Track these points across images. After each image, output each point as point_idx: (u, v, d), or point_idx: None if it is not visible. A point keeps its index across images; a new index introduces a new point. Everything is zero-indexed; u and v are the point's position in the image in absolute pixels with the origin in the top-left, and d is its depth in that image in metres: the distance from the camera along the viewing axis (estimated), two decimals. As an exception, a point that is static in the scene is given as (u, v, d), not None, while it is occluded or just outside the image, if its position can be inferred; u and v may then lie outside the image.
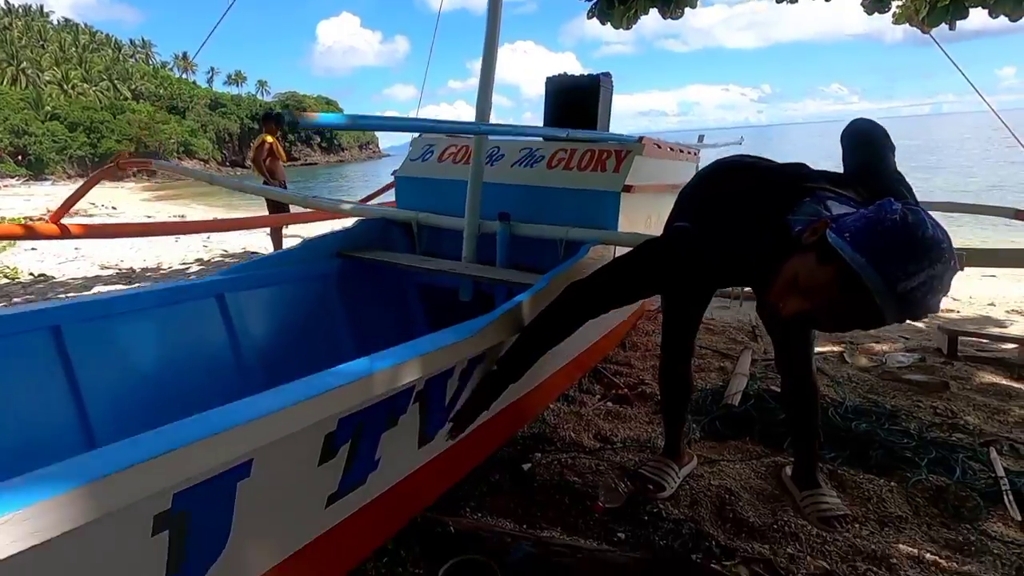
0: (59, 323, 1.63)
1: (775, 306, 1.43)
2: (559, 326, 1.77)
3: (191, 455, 0.90)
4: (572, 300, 1.74)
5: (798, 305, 1.35)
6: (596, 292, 1.73)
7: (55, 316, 1.62)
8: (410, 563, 2.08)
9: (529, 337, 1.81)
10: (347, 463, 1.39)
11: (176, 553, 1.02)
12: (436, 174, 3.02)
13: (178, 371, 1.99)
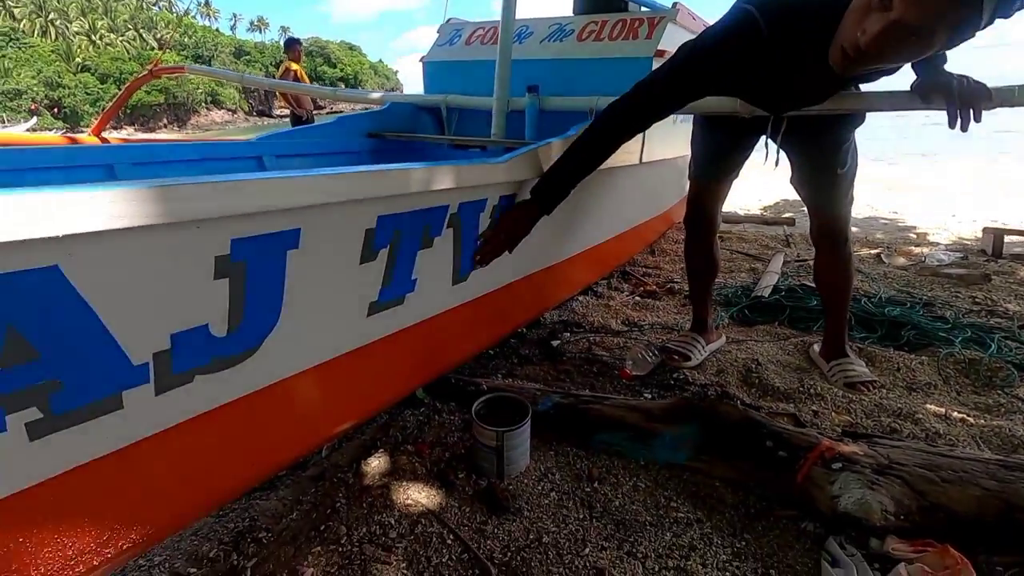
0: (112, 163, 1.72)
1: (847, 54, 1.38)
2: (608, 130, 1.69)
3: (245, 190, 0.97)
4: (625, 98, 1.70)
5: (879, 23, 1.27)
6: (656, 83, 1.66)
7: (110, 156, 1.71)
8: (446, 412, 2.21)
9: (573, 148, 1.77)
10: (386, 271, 1.45)
11: (236, 305, 1.11)
12: (463, 56, 2.99)
13: None
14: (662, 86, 1.66)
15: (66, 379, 0.90)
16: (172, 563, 1.52)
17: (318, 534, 1.60)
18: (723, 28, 1.60)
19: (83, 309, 0.88)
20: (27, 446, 0.90)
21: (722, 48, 1.60)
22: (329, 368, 1.47)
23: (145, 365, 1.01)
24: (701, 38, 1.65)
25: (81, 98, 61.45)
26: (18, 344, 0.82)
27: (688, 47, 1.67)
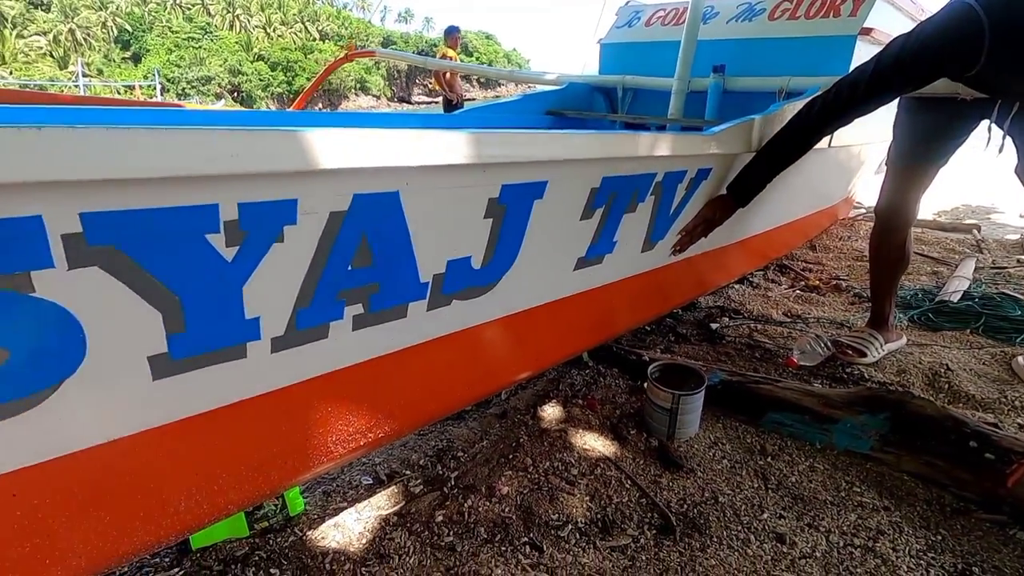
0: None
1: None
2: (814, 125, 1.69)
3: (516, 141, 1.14)
4: (834, 93, 1.68)
5: None
6: (874, 79, 1.62)
7: (343, 121, 2.03)
8: (610, 376, 2.33)
9: (774, 141, 1.79)
10: (596, 230, 1.59)
11: (492, 243, 1.30)
12: (642, 38, 3.05)
13: None
14: (880, 83, 1.61)
15: (383, 285, 1.14)
16: (389, 464, 1.81)
17: (507, 461, 1.80)
18: (944, 25, 1.52)
19: (403, 230, 1.10)
20: (349, 334, 1.16)
21: (946, 47, 1.52)
22: (533, 314, 1.65)
23: (426, 284, 1.24)
24: (920, 36, 1.56)
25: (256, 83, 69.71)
26: (364, 251, 1.06)
27: (909, 44, 1.58)
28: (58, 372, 0.81)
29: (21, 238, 0.69)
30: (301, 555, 1.45)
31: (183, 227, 0.82)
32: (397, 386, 1.36)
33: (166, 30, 72.24)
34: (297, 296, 1.02)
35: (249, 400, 1.07)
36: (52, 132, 0.63)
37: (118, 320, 0.83)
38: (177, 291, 0.86)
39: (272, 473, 1.21)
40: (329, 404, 1.22)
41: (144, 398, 0.92)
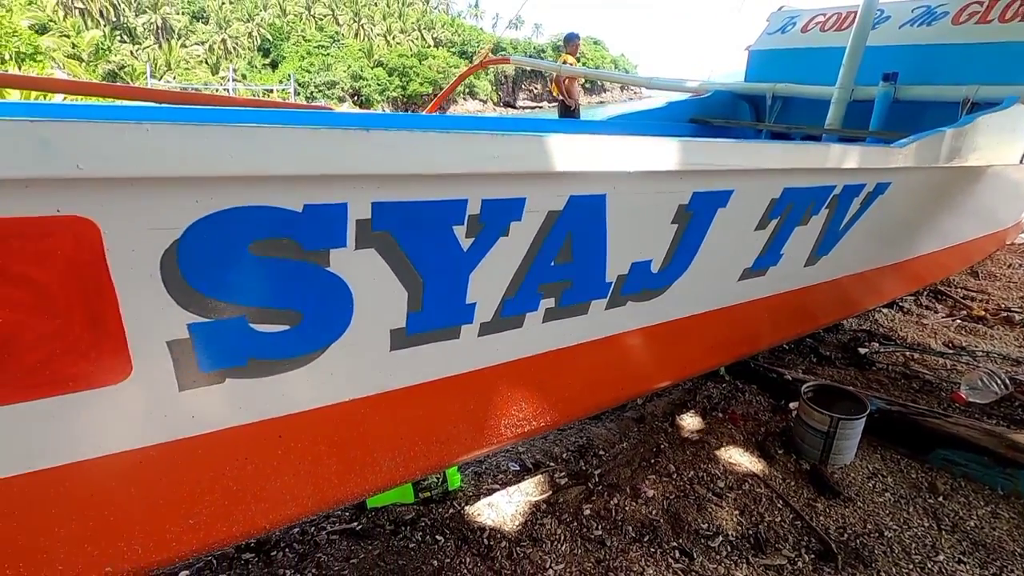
0: None
1: None
2: None
3: (705, 150, 1.16)
4: None
5: None
6: None
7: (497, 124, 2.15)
8: (748, 392, 2.26)
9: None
10: (767, 241, 1.56)
11: (672, 248, 1.33)
12: (797, 44, 2.92)
13: None
14: None
15: (575, 282, 1.21)
16: (533, 455, 1.89)
17: (649, 465, 1.81)
18: None
19: (602, 231, 1.17)
20: (539, 326, 1.24)
21: None
22: (690, 322, 1.65)
23: (609, 284, 1.29)
24: None
25: (374, 88, 74.44)
26: (567, 248, 1.14)
27: None
28: (330, 336, 0.95)
29: (330, 220, 0.83)
30: (461, 527, 1.56)
31: (438, 218, 0.93)
32: (565, 379, 1.43)
33: (300, 39, 79.13)
34: (507, 286, 1.11)
35: (451, 378, 1.18)
36: (379, 135, 0.76)
37: (377, 296, 0.96)
38: (423, 274, 0.98)
39: (454, 446, 1.32)
40: (509, 389, 1.31)
41: (379, 366, 1.05)
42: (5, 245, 0.65)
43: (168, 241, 0.73)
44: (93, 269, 0.70)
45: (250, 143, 0.69)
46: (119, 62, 49.78)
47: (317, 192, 0.79)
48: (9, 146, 0.58)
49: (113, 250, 0.70)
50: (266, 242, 0.80)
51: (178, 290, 0.77)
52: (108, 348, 0.76)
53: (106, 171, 0.63)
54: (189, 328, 0.81)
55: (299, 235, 0.82)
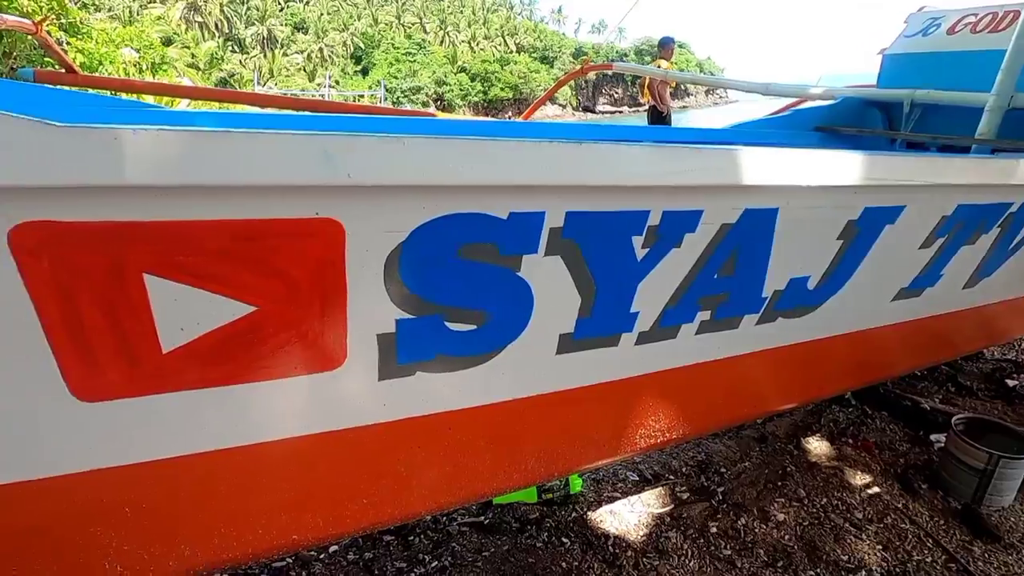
0: None
1: None
2: None
3: (879, 164, 1.10)
4: None
5: None
6: None
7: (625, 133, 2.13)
8: (879, 420, 2.12)
9: None
10: (930, 260, 1.46)
11: (833, 265, 1.28)
12: (942, 47, 2.70)
13: None
14: None
15: (732, 295, 1.20)
16: (651, 466, 1.87)
17: (776, 487, 1.74)
18: None
19: (768, 246, 1.14)
20: (691, 338, 1.23)
21: None
22: (833, 342, 1.57)
23: (764, 299, 1.26)
24: None
25: (456, 93, 76.49)
26: (731, 261, 1.12)
27: None
28: (508, 337, 0.99)
29: (529, 227, 0.87)
30: (585, 532, 1.58)
31: (621, 227, 0.95)
32: (704, 393, 1.41)
33: (390, 46, 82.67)
34: (670, 296, 1.11)
35: (602, 384, 1.19)
36: (588, 148, 0.79)
37: (555, 301, 0.99)
38: (598, 281, 1.00)
39: (592, 451, 1.33)
40: (652, 399, 1.31)
41: (544, 368, 1.09)
42: (269, 243, 0.73)
43: (396, 242, 0.80)
44: (334, 266, 0.78)
45: (482, 154, 0.74)
46: (230, 70, 54.24)
47: (523, 201, 0.84)
48: (296, 156, 0.65)
49: (352, 249, 0.77)
50: (472, 246, 0.85)
51: (394, 287, 0.84)
52: (333, 338, 0.84)
53: (368, 180, 0.69)
54: (397, 323, 0.87)
55: (500, 240, 0.86)
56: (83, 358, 0.72)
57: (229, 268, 0.73)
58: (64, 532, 0.85)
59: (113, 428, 0.79)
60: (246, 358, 0.81)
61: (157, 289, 0.71)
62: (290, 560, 1.42)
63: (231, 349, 0.79)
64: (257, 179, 0.65)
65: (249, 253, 0.73)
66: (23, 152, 0.55)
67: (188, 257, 0.70)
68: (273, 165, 0.64)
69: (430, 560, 1.45)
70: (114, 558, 0.91)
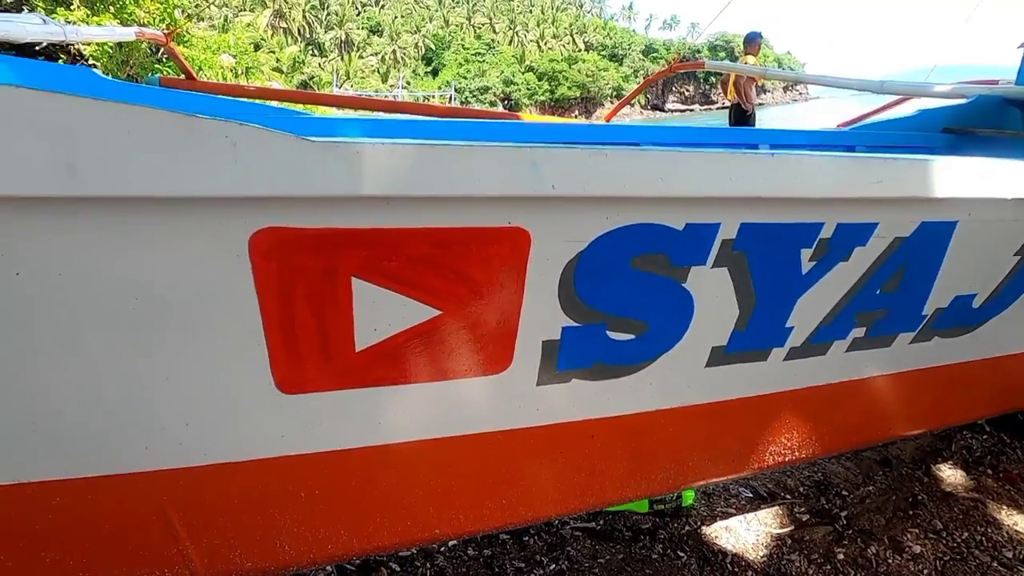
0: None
1: None
2: None
3: None
4: None
5: None
6: None
7: None
8: (1020, 450, 1.94)
9: None
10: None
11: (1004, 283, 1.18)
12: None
13: None
14: None
15: (891, 312, 1.13)
16: (764, 483, 1.79)
17: (907, 516, 1.63)
18: None
19: (938, 261, 1.07)
20: (841, 355, 1.17)
21: None
22: (988, 364, 1.45)
23: (923, 317, 1.18)
24: None
25: (524, 92, 76.83)
26: (897, 276, 1.06)
27: None
28: (663, 348, 0.98)
29: (702, 239, 0.86)
30: (701, 547, 1.54)
31: (792, 239, 0.92)
32: (843, 412, 1.34)
33: (460, 47, 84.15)
34: (828, 312, 1.06)
35: (745, 399, 1.16)
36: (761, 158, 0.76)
37: (713, 313, 0.97)
38: (759, 294, 0.97)
39: (722, 465, 1.30)
40: (789, 417, 1.26)
41: (691, 380, 1.07)
42: (463, 249, 0.76)
43: (575, 252, 0.81)
44: (516, 272, 0.80)
45: (678, 167, 0.74)
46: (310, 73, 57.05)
47: (701, 212, 0.82)
48: (508, 167, 0.67)
49: (535, 257, 0.79)
50: (645, 256, 0.85)
51: (566, 295, 0.85)
52: (503, 342, 0.86)
53: (570, 191, 0.71)
54: (562, 330, 0.88)
55: (672, 251, 0.85)
56: (290, 353, 0.77)
57: (425, 273, 0.76)
58: (249, 512, 0.92)
59: (303, 419, 0.85)
60: (425, 359, 0.84)
61: (361, 291, 0.75)
62: (415, 551, 1.47)
63: (414, 350, 0.82)
64: (472, 190, 0.67)
65: (444, 259, 0.76)
66: (280, 165, 0.60)
67: (392, 262, 0.73)
68: (487, 176, 0.67)
69: (548, 563, 1.46)
70: (285, 539, 0.97)
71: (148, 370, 0.74)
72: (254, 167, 0.59)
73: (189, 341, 0.73)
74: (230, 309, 0.72)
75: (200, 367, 0.76)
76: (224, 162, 0.58)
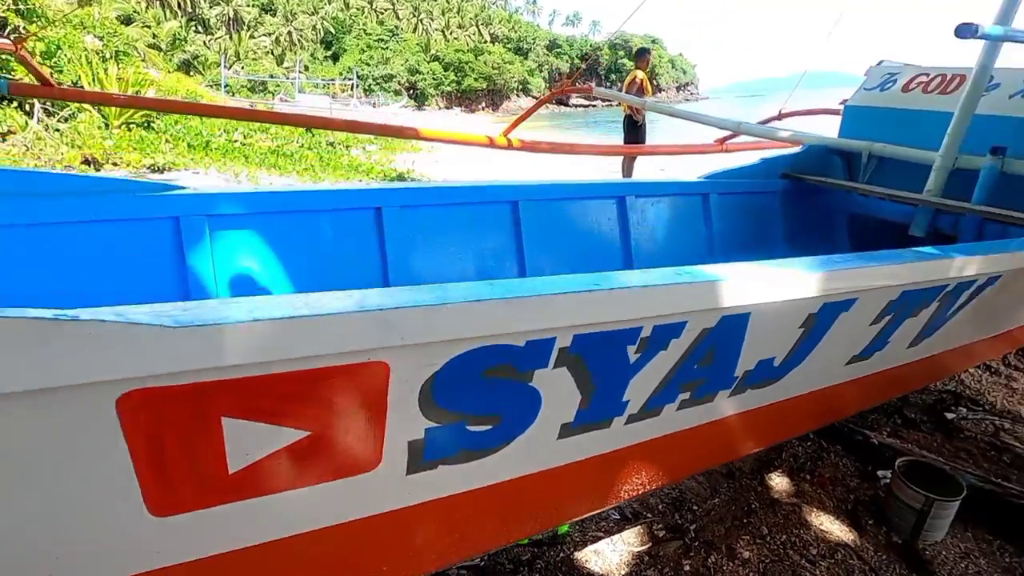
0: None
1: None
2: None
3: (846, 276, 1.27)
4: None
5: None
6: None
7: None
8: (834, 454, 2.35)
9: None
10: (878, 333, 1.66)
11: (795, 347, 1.46)
12: (897, 104, 2.92)
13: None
14: None
15: (709, 379, 1.37)
16: (631, 504, 2.04)
17: (742, 524, 1.94)
18: None
19: (740, 340, 1.31)
20: (673, 413, 1.39)
21: None
22: (794, 401, 1.76)
23: (736, 377, 1.43)
24: None
25: (429, 82, 75.45)
26: (709, 355, 1.28)
27: None
28: (518, 431, 1.13)
29: (541, 350, 1.01)
30: (573, 572, 1.74)
31: (617, 342, 1.10)
32: (683, 451, 1.58)
33: (362, 32, 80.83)
34: (656, 387, 1.27)
35: (597, 456, 1.35)
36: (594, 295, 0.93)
37: (559, 401, 1.14)
38: (596, 383, 1.15)
39: (581, 505, 1.50)
40: (637, 462, 1.48)
41: (547, 450, 1.23)
42: (327, 383, 0.86)
43: (430, 373, 0.93)
44: (379, 395, 0.90)
45: (512, 313, 0.88)
46: (193, 52, 52.17)
47: (539, 333, 0.98)
48: (363, 330, 0.78)
49: (395, 381, 0.90)
50: (494, 368, 0.99)
51: (426, 405, 0.97)
52: (372, 447, 0.97)
53: (419, 340, 0.82)
54: (425, 431, 1.00)
55: (517, 362, 1.00)
56: (162, 484, 0.83)
57: (292, 406, 0.84)
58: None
59: (180, 534, 0.90)
60: (298, 470, 0.93)
61: (231, 427, 0.82)
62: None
63: (286, 465, 0.91)
64: (331, 350, 0.77)
65: (311, 393, 0.85)
66: (144, 351, 0.66)
67: (261, 402, 0.81)
68: (343, 339, 0.77)
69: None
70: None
71: (14, 517, 0.76)
72: (120, 358, 0.65)
73: (59, 487, 0.77)
74: (99, 456, 0.77)
75: (70, 507, 0.79)
76: (89, 356, 0.63)
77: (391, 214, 1.93)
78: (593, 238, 2.44)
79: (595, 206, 2.42)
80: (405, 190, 2.01)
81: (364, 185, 1.80)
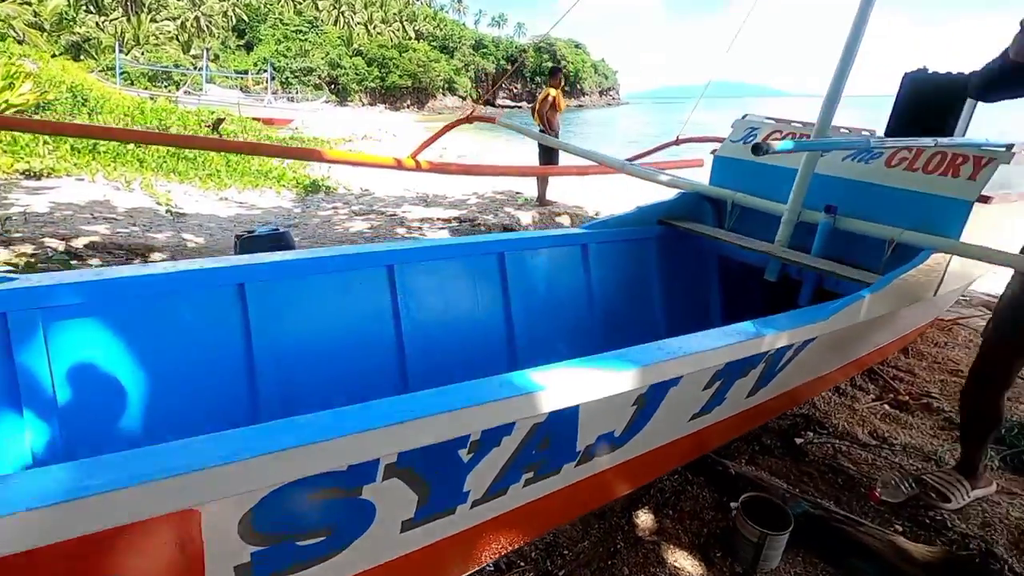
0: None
1: None
2: None
3: (666, 368, 1.43)
4: None
5: None
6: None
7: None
8: (696, 486, 2.57)
9: None
10: (712, 395, 1.86)
11: (632, 420, 1.61)
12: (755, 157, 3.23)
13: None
14: None
15: (551, 458, 1.48)
16: (511, 555, 2.14)
17: (607, 567, 2.09)
18: None
19: (574, 426, 1.43)
20: (520, 490, 1.49)
21: None
22: (646, 456, 1.94)
23: (579, 452, 1.56)
24: None
25: (352, 78, 73.17)
26: (545, 441, 1.39)
27: None
28: (353, 536, 1.18)
29: (366, 470, 1.07)
30: (443, 632, 1.81)
31: (448, 450, 1.17)
32: (537, 515, 1.70)
33: (278, 21, 77.01)
34: (496, 475, 1.36)
35: (446, 537, 1.43)
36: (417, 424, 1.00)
37: (394, 505, 1.20)
38: (431, 483, 1.22)
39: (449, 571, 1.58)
40: (491, 534, 1.57)
41: (390, 544, 1.29)
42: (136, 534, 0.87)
43: (248, 507, 0.96)
44: (192, 535, 0.92)
45: (318, 454, 0.93)
46: (84, 34, 47.56)
47: (360, 458, 1.03)
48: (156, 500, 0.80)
49: (208, 523, 0.92)
50: (318, 491, 1.03)
51: (248, 534, 1.00)
52: None
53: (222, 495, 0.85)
54: (251, 555, 1.03)
55: (342, 483, 1.05)
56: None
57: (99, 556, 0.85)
58: None
59: None
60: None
61: None
62: None
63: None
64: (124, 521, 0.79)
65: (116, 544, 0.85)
66: None
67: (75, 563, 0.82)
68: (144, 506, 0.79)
69: None
70: None
71: None
72: None
73: None
74: None
75: None
76: None
77: (254, 289, 1.88)
78: (474, 294, 2.53)
79: (474, 263, 2.50)
80: (271, 264, 1.93)
81: (224, 263, 1.84)
